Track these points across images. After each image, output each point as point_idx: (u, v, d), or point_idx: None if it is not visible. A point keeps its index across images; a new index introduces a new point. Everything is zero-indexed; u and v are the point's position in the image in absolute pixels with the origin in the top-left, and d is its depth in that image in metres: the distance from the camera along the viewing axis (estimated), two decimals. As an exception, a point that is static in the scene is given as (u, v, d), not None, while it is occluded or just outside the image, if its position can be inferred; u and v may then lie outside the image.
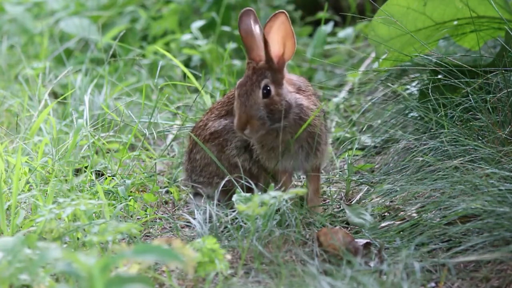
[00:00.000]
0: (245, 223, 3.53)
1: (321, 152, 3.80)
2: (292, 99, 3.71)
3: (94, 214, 3.63)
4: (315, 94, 3.85)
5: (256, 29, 3.72)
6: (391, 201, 3.86)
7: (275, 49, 3.67)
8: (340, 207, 3.91)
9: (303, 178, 4.21)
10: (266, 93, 3.66)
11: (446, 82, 4.11)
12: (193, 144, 3.92)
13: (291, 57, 3.71)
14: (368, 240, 3.48)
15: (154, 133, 4.44)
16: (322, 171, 4.11)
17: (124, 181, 4.09)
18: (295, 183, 4.16)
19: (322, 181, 4.18)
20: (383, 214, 3.80)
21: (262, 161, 3.78)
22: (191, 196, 3.91)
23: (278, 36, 3.66)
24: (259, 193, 3.51)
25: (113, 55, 5.54)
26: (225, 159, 3.81)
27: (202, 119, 3.95)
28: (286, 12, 3.65)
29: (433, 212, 3.57)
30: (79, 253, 2.66)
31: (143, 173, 4.30)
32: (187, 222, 3.78)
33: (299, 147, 3.74)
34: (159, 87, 4.86)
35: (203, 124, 3.91)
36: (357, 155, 4.46)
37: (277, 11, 3.66)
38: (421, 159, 3.87)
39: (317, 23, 6.16)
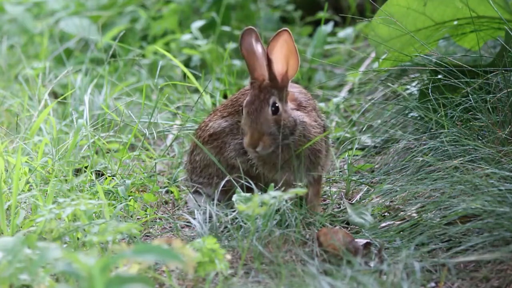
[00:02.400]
0: (245, 223, 3.53)
1: (322, 166, 3.81)
2: (296, 116, 3.72)
3: (94, 214, 3.63)
4: (315, 109, 3.85)
5: (258, 48, 3.71)
6: (391, 201, 3.86)
7: (279, 68, 3.67)
8: (340, 207, 3.91)
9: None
10: (275, 110, 3.66)
11: (446, 82, 4.11)
12: (194, 146, 3.93)
13: (294, 75, 3.71)
14: (368, 240, 3.49)
15: (154, 133, 4.44)
16: (324, 176, 4.11)
17: (124, 181, 4.10)
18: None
19: (322, 181, 4.18)
20: (383, 214, 3.80)
21: (261, 170, 3.78)
22: (191, 196, 3.91)
23: (281, 55, 3.66)
24: (259, 193, 3.51)
25: (113, 55, 5.54)
26: (223, 161, 3.81)
27: (205, 121, 3.95)
28: (289, 30, 3.64)
29: (433, 212, 3.57)
30: (79, 253, 2.66)
31: (143, 173, 4.30)
32: (187, 222, 3.78)
33: (299, 163, 3.74)
34: (159, 87, 4.86)
35: (204, 125, 3.92)
36: (357, 155, 4.46)
37: (280, 29, 3.65)
38: (421, 159, 3.87)
39: (317, 23, 6.15)
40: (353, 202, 3.96)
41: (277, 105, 3.66)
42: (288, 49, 3.65)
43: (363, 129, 4.58)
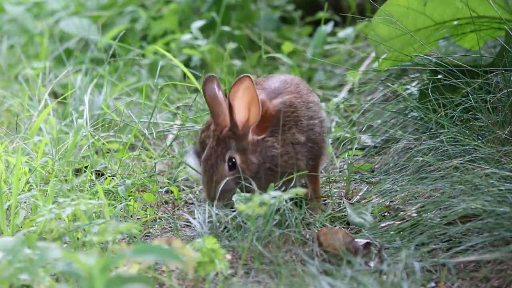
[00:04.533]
0: (245, 223, 3.53)
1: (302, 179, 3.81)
2: (261, 155, 3.70)
3: (94, 214, 3.63)
4: (300, 118, 3.81)
5: (220, 94, 3.70)
6: (391, 201, 3.86)
7: (240, 115, 3.65)
8: (340, 207, 3.90)
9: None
10: (232, 165, 3.66)
11: (446, 82, 4.11)
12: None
13: (255, 123, 3.67)
14: (368, 240, 3.49)
15: (154, 133, 4.44)
16: (322, 171, 4.11)
17: (124, 181, 4.09)
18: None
19: (322, 180, 4.18)
20: (383, 214, 3.80)
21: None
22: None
23: (242, 102, 3.64)
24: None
25: (113, 55, 5.54)
26: None
27: (208, 121, 3.96)
28: (250, 76, 3.62)
29: (433, 212, 3.57)
30: (79, 253, 2.66)
31: (143, 173, 4.30)
32: (187, 222, 3.78)
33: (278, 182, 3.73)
34: (159, 87, 4.85)
35: (207, 125, 3.94)
36: (357, 155, 4.46)
37: (241, 75, 3.62)
38: (421, 159, 3.87)
39: (317, 23, 6.15)
40: (353, 202, 3.96)
41: (234, 160, 3.65)
42: (250, 95, 3.63)
43: (363, 129, 4.58)
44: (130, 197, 4.00)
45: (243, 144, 3.68)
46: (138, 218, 3.93)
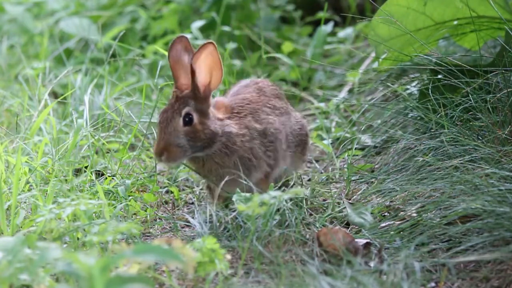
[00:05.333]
0: (245, 223, 3.53)
1: (255, 170, 3.77)
2: (219, 127, 3.71)
3: (94, 214, 3.63)
4: (256, 109, 3.83)
5: (185, 57, 3.72)
6: (391, 201, 3.86)
7: (202, 78, 3.68)
8: (340, 207, 3.90)
9: (303, 177, 4.21)
10: (188, 121, 3.66)
11: (446, 82, 4.11)
12: None
13: (217, 87, 3.72)
14: (368, 240, 3.49)
15: (154, 133, 4.44)
16: (322, 171, 4.11)
17: (124, 181, 4.10)
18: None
19: (322, 179, 4.18)
20: (383, 214, 3.80)
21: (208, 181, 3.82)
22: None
23: (205, 65, 3.66)
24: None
25: (113, 55, 5.54)
26: None
27: None
28: (214, 43, 3.65)
29: (433, 212, 3.57)
30: (79, 253, 2.66)
31: (143, 173, 4.30)
32: (187, 222, 3.78)
33: (229, 171, 3.73)
34: (159, 87, 4.86)
35: None
36: (357, 155, 4.46)
37: (205, 41, 3.66)
38: (421, 159, 3.87)
39: (317, 23, 6.15)
40: (353, 202, 3.96)
41: (191, 116, 3.66)
42: (213, 61, 3.66)
43: (363, 129, 4.58)
44: (130, 197, 4.00)
45: (202, 107, 3.69)
46: (138, 218, 3.93)
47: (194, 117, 3.67)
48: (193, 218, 3.64)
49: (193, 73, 3.66)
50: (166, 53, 4.91)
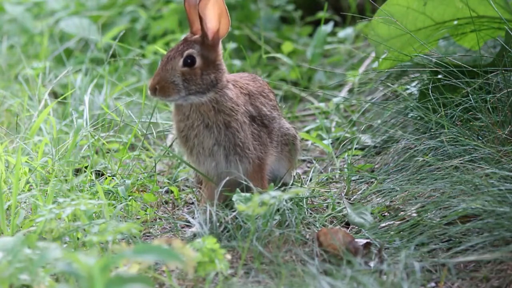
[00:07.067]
0: (245, 223, 3.53)
1: (243, 152, 3.75)
2: (219, 82, 3.72)
3: (94, 214, 3.63)
4: (260, 94, 3.85)
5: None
6: (391, 201, 3.86)
7: (211, 25, 3.71)
8: (340, 207, 3.90)
9: (303, 177, 4.21)
10: (190, 63, 3.70)
11: (446, 82, 4.11)
12: None
13: (225, 34, 3.73)
14: (368, 240, 3.48)
15: (154, 133, 4.44)
16: (322, 171, 4.10)
17: (124, 181, 4.10)
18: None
19: (322, 179, 4.18)
20: (383, 214, 3.80)
21: (188, 161, 3.80)
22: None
23: (213, 13, 3.70)
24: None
25: (113, 55, 5.54)
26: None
27: None
28: None
29: (433, 212, 3.57)
30: (79, 253, 2.66)
31: (143, 173, 4.30)
32: (187, 222, 3.78)
33: (214, 143, 3.73)
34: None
35: None
36: (357, 155, 4.46)
37: None
38: (421, 159, 3.87)
39: (317, 23, 6.15)
40: (353, 202, 3.96)
41: (193, 57, 3.70)
42: (220, 8, 3.69)
43: (363, 129, 4.58)
44: (130, 197, 4.00)
45: (209, 54, 3.72)
46: (138, 218, 3.93)
47: (196, 60, 3.71)
48: (193, 218, 3.63)
49: (201, 18, 3.69)
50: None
